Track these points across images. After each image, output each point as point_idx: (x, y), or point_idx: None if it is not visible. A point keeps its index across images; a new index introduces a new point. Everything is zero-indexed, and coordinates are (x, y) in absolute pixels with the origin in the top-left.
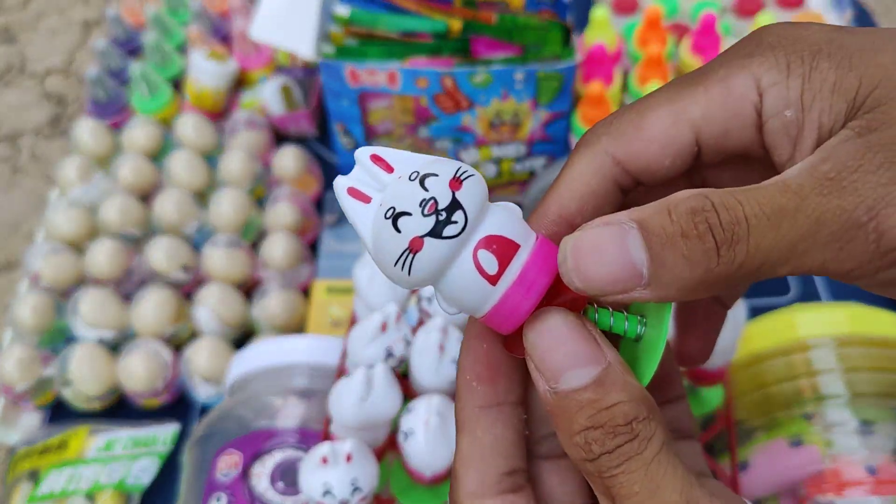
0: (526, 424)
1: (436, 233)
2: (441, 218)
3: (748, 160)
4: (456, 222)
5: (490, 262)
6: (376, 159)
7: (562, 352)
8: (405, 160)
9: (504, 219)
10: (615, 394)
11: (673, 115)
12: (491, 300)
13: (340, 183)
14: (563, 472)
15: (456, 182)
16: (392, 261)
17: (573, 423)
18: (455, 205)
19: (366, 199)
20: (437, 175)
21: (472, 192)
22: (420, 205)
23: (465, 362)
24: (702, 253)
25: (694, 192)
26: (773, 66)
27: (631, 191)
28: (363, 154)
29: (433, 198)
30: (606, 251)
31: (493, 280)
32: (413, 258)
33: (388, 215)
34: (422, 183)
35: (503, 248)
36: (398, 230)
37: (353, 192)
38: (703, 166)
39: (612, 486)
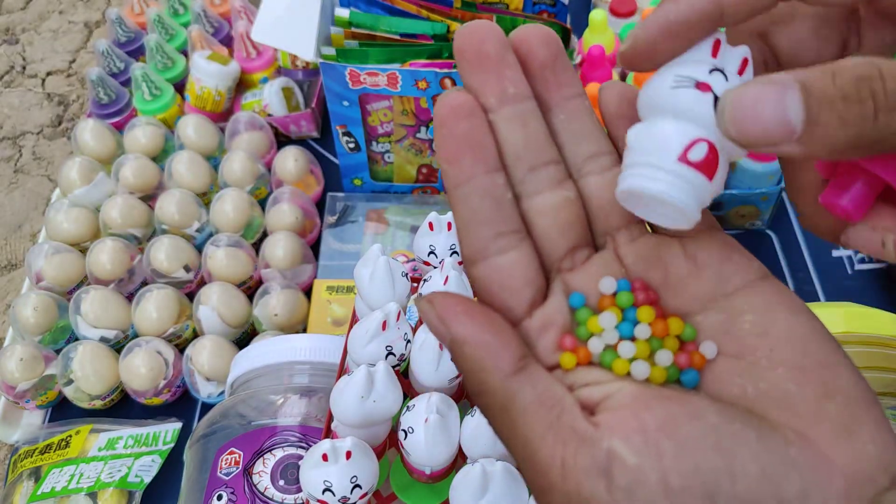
0: (507, 187)
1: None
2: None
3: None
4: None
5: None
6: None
7: None
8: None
9: None
10: None
11: None
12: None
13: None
14: (550, 208)
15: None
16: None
17: None
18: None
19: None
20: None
21: None
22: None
23: (437, 148)
24: (859, 116)
25: (863, 60)
26: None
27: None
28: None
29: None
30: (765, 107)
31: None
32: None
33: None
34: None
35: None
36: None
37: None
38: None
39: None
